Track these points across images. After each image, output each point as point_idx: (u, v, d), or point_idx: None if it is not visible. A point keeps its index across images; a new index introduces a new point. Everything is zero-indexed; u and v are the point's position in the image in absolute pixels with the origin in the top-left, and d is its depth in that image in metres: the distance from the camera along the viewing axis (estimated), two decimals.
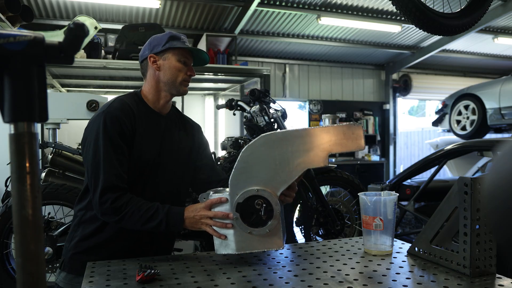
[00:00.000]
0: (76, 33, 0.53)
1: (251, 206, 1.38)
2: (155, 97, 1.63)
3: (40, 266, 0.50)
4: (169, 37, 1.66)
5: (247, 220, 1.38)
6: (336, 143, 1.42)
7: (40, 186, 0.51)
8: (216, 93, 6.88)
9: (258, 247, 1.39)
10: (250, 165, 1.38)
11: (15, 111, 0.50)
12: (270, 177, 1.38)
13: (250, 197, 1.37)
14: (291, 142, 1.39)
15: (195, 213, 1.43)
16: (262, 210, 1.38)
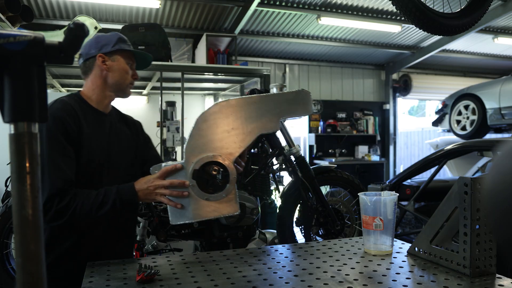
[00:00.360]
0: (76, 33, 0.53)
1: (207, 173, 1.39)
2: (100, 97, 1.60)
3: (40, 266, 0.50)
4: (118, 39, 1.64)
5: (204, 187, 1.38)
6: (286, 109, 1.46)
7: (40, 186, 0.51)
8: (216, 93, 6.88)
9: (215, 213, 1.41)
10: (205, 132, 1.41)
11: (15, 111, 0.50)
12: (225, 144, 1.41)
13: (206, 164, 1.39)
14: (244, 109, 1.43)
15: (148, 184, 1.40)
16: (218, 176, 1.39)
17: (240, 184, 2.28)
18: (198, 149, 1.40)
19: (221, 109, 1.44)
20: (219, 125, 1.43)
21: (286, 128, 2.50)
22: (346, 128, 8.09)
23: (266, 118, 1.46)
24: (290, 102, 1.48)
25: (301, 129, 8.75)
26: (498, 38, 6.98)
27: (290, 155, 2.43)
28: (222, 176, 1.40)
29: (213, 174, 1.40)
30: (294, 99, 1.49)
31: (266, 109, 1.46)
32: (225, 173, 1.40)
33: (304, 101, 1.50)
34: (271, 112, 1.46)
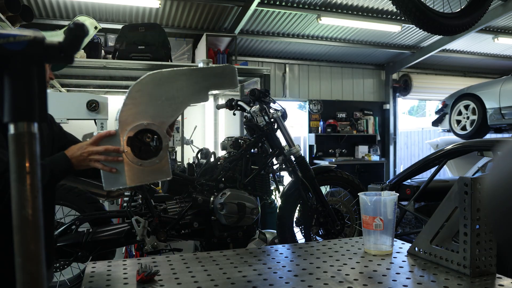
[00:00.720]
0: (76, 33, 0.53)
1: (141, 140, 1.45)
2: None
3: (40, 266, 0.50)
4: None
5: (138, 153, 1.44)
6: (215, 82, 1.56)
7: (40, 186, 0.51)
8: (216, 93, 6.88)
9: (149, 178, 1.48)
10: (138, 101, 1.46)
11: (15, 111, 0.50)
12: (158, 112, 1.48)
13: (139, 131, 1.45)
14: (176, 80, 1.51)
15: (82, 151, 1.42)
16: (151, 143, 1.46)
17: (240, 184, 2.28)
18: (131, 117, 1.45)
19: (154, 80, 1.50)
20: (152, 94, 1.48)
21: (286, 128, 2.50)
22: (346, 128, 8.09)
23: (196, 89, 1.54)
24: (218, 75, 1.58)
25: (301, 129, 8.76)
26: (498, 38, 6.98)
27: (290, 155, 2.43)
28: (156, 144, 1.47)
29: (147, 141, 1.46)
30: (221, 73, 1.58)
31: (195, 81, 1.54)
32: (158, 140, 1.47)
33: (230, 75, 1.59)
34: (201, 84, 1.54)
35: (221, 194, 2.21)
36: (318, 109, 8.11)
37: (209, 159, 2.43)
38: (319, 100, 8.15)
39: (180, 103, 1.52)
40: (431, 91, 8.75)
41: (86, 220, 2.26)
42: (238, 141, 2.41)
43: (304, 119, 8.23)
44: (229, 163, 2.31)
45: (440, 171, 3.47)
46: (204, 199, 2.24)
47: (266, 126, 2.41)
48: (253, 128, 2.43)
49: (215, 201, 2.22)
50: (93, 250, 2.16)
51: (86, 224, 2.29)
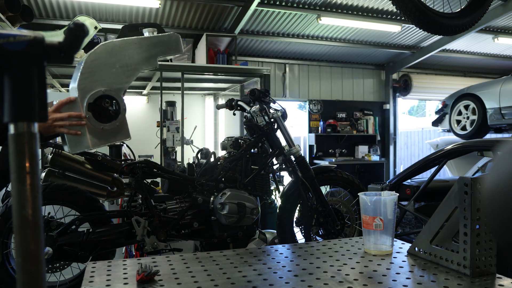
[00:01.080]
0: (76, 33, 0.53)
1: (100, 105, 1.60)
2: None
3: (40, 266, 0.50)
4: None
5: (99, 117, 1.59)
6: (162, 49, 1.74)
7: (40, 186, 0.51)
8: (216, 93, 6.89)
9: (110, 139, 1.64)
10: (94, 70, 1.59)
11: (15, 111, 0.50)
12: (114, 79, 1.63)
13: (98, 97, 1.59)
14: (127, 48, 1.69)
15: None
16: (110, 108, 1.61)
17: (240, 184, 2.28)
18: (90, 85, 1.58)
19: (107, 49, 1.64)
20: (107, 63, 1.62)
21: (286, 128, 2.50)
22: (346, 128, 8.09)
23: (146, 57, 1.71)
24: (165, 43, 1.76)
25: (301, 129, 8.76)
26: (498, 38, 6.98)
27: (290, 155, 2.43)
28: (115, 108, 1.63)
29: (106, 106, 1.60)
30: (167, 41, 1.77)
31: (145, 49, 1.72)
32: (117, 105, 1.63)
33: (175, 42, 1.78)
34: (150, 51, 1.72)
35: (221, 194, 2.21)
36: (318, 109, 8.11)
37: (209, 159, 2.43)
38: (319, 100, 8.15)
39: (133, 70, 1.68)
40: (431, 91, 8.75)
41: (86, 220, 2.26)
42: (238, 141, 2.41)
43: (304, 119, 8.23)
44: (229, 163, 2.31)
45: (440, 171, 3.47)
46: (204, 199, 2.24)
47: (266, 126, 2.41)
48: (253, 128, 2.43)
49: (215, 201, 2.21)
50: (93, 250, 2.16)
51: (86, 224, 2.29)
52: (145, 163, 2.26)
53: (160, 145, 4.91)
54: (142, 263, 1.19)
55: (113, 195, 2.50)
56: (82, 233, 2.20)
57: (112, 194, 2.50)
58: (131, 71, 1.67)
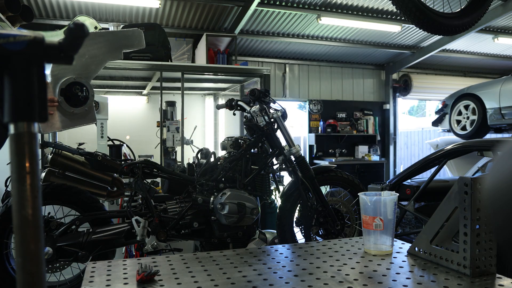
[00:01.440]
0: (76, 33, 0.53)
1: (71, 91, 1.79)
2: None
3: (40, 266, 0.50)
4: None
5: (69, 102, 1.78)
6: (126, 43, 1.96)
7: (40, 186, 0.51)
8: (216, 93, 6.89)
9: (78, 122, 1.84)
10: None
11: (15, 111, 0.50)
12: (84, 68, 1.83)
13: (70, 84, 1.79)
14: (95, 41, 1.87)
15: None
16: (80, 93, 1.81)
17: (240, 184, 2.28)
18: (62, 72, 1.78)
19: None
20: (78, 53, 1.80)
21: (286, 128, 2.49)
22: (346, 128, 8.09)
23: (112, 49, 1.90)
24: (129, 38, 1.97)
25: (301, 129, 8.76)
26: (498, 38, 6.98)
27: (290, 155, 2.43)
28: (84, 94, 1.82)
29: (76, 92, 1.81)
30: (131, 36, 1.97)
31: (111, 42, 1.90)
32: (86, 91, 1.84)
33: (138, 37, 1.99)
34: (115, 44, 1.91)
35: (221, 194, 2.21)
36: (318, 109, 8.11)
37: (209, 159, 2.43)
38: (319, 100, 8.15)
39: (101, 60, 1.89)
40: (431, 91, 8.75)
41: (86, 220, 2.26)
42: (238, 141, 2.40)
43: (304, 119, 8.23)
44: (229, 163, 2.31)
45: (440, 171, 3.47)
46: (204, 199, 2.24)
47: (266, 126, 2.41)
48: (253, 128, 2.43)
49: (215, 201, 2.21)
50: (93, 250, 2.16)
51: (86, 224, 2.29)
52: (145, 163, 2.26)
53: (160, 145, 4.91)
54: (142, 263, 1.19)
55: (113, 195, 2.50)
56: (82, 233, 2.20)
57: (112, 194, 2.50)
58: (99, 61, 1.87)
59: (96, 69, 1.89)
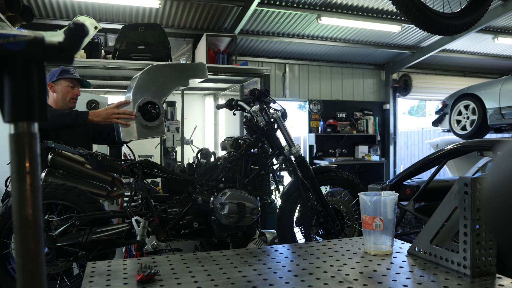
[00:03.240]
0: (76, 33, 0.53)
1: (146, 108, 2.25)
2: (57, 107, 2.69)
3: (40, 266, 0.50)
4: (61, 71, 2.71)
5: (144, 117, 2.24)
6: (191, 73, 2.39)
7: (40, 186, 0.51)
8: (216, 93, 6.88)
9: (152, 134, 2.29)
10: (144, 84, 2.26)
11: (15, 111, 0.50)
12: (157, 90, 2.28)
13: (146, 103, 2.25)
14: (167, 70, 2.31)
15: (107, 111, 2.25)
16: (153, 111, 2.26)
17: (240, 184, 2.28)
18: (140, 94, 2.25)
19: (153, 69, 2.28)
20: (153, 79, 2.27)
21: (286, 128, 2.49)
22: (346, 128, 8.09)
23: (180, 77, 2.34)
24: (194, 69, 2.40)
25: (301, 129, 8.76)
26: (498, 38, 6.98)
27: (290, 155, 2.43)
28: (156, 111, 2.26)
29: (150, 109, 2.25)
30: (196, 67, 2.41)
31: (180, 72, 2.34)
32: (158, 109, 2.27)
33: (202, 69, 2.41)
34: (183, 74, 2.35)
35: (221, 194, 2.21)
36: (318, 109, 8.11)
37: (209, 159, 2.43)
38: (319, 100, 8.15)
39: (171, 85, 2.32)
40: (431, 91, 8.75)
41: (86, 220, 2.26)
42: (238, 141, 2.40)
43: (304, 119, 8.23)
44: (229, 163, 2.31)
45: (440, 171, 3.47)
46: (204, 199, 2.24)
47: (266, 126, 2.41)
48: (253, 128, 2.43)
49: (215, 201, 2.21)
50: (93, 250, 2.16)
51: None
52: (145, 163, 2.26)
53: (160, 145, 4.91)
54: (142, 263, 1.19)
55: (113, 195, 2.50)
56: (82, 233, 2.20)
57: (112, 194, 2.50)
58: (169, 87, 2.31)
59: (167, 93, 2.32)
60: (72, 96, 2.73)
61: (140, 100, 2.22)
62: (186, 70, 2.36)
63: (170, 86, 2.30)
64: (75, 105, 2.77)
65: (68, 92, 2.71)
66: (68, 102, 2.73)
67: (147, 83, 2.24)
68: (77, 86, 2.76)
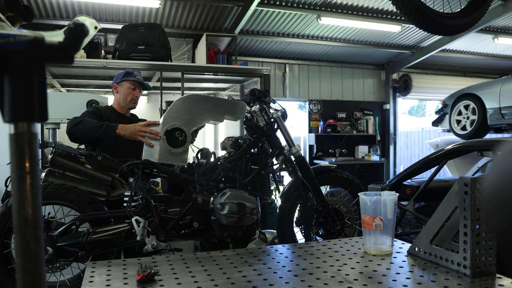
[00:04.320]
0: (76, 33, 0.53)
1: (173, 134, 2.21)
2: (119, 107, 2.87)
3: (40, 266, 0.50)
4: (125, 73, 2.83)
5: (169, 142, 2.20)
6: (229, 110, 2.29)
7: (40, 186, 0.51)
8: (216, 93, 6.88)
9: (173, 160, 2.22)
10: (178, 110, 2.22)
11: (15, 111, 0.50)
12: (188, 120, 2.22)
13: (174, 128, 2.20)
14: (204, 101, 2.25)
15: (135, 127, 2.27)
16: (180, 138, 2.21)
17: (240, 184, 2.28)
18: (171, 119, 2.22)
19: (191, 98, 2.25)
20: (187, 107, 2.22)
21: (286, 128, 2.49)
22: (346, 128, 8.09)
23: (216, 112, 2.26)
24: (233, 106, 2.29)
25: (301, 129, 8.76)
26: (498, 38, 6.98)
27: (290, 155, 2.43)
28: (182, 138, 2.21)
29: (177, 135, 2.21)
30: (236, 105, 2.30)
31: (218, 106, 2.26)
32: (184, 137, 2.22)
33: (242, 108, 2.31)
34: (221, 108, 2.26)
35: (221, 194, 2.21)
36: (318, 109, 8.11)
37: (209, 159, 2.43)
38: (319, 100, 8.15)
39: (204, 118, 2.26)
40: (431, 91, 8.75)
41: (86, 220, 2.26)
42: (238, 141, 2.40)
43: (304, 119, 8.23)
44: (229, 163, 2.31)
45: (440, 171, 3.47)
46: (204, 199, 2.24)
47: (266, 126, 2.41)
48: (253, 128, 2.43)
49: (215, 201, 2.21)
50: (93, 250, 2.16)
51: (86, 224, 2.29)
52: (145, 163, 2.26)
53: None
54: (142, 263, 1.19)
55: (113, 195, 2.50)
56: (82, 233, 2.20)
57: (112, 194, 2.50)
58: (202, 119, 2.25)
59: (198, 124, 2.25)
60: (132, 97, 2.82)
61: (169, 125, 2.19)
62: (224, 106, 2.27)
63: (203, 117, 2.23)
64: (135, 106, 2.87)
65: (129, 93, 2.81)
66: (128, 102, 2.83)
67: (181, 109, 2.20)
68: (138, 88, 2.85)
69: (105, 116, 2.69)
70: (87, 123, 2.37)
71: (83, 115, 2.55)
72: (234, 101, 2.32)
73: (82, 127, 2.34)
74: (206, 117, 2.24)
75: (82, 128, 2.34)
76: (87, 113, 2.59)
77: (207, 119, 2.25)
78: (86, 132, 2.34)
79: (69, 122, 2.42)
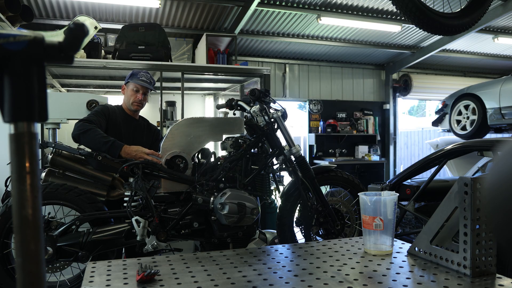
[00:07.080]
0: (76, 33, 0.53)
1: (174, 161, 2.26)
2: (126, 108, 2.85)
3: (40, 266, 0.50)
4: (131, 74, 2.81)
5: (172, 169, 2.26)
6: (227, 128, 2.34)
7: (40, 186, 0.51)
8: (216, 93, 6.88)
9: (178, 188, 2.26)
10: (175, 136, 2.25)
11: (15, 111, 0.50)
12: (187, 145, 2.27)
13: (174, 156, 2.26)
14: (201, 124, 2.28)
15: (137, 153, 2.32)
16: (180, 165, 2.27)
17: (240, 184, 2.28)
18: (170, 146, 2.26)
19: (187, 122, 2.28)
20: (185, 132, 2.25)
21: (286, 128, 2.49)
22: (346, 128, 8.09)
23: (215, 131, 2.30)
24: (230, 124, 2.34)
25: (301, 129, 8.75)
26: (498, 38, 6.97)
27: (290, 155, 2.43)
28: (183, 165, 2.27)
29: (178, 163, 2.27)
30: (233, 122, 2.34)
31: (215, 126, 2.31)
32: (186, 164, 2.27)
33: (239, 124, 2.34)
34: (218, 128, 2.32)
35: (221, 194, 2.21)
36: (318, 109, 8.11)
37: (209, 159, 2.43)
38: (319, 100, 8.15)
39: (203, 140, 2.30)
40: (431, 91, 8.75)
41: (86, 220, 2.26)
42: (238, 141, 2.40)
43: (304, 119, 8.23)
44: (229, 163, 2.31)
45: (440, 171, 3.46)
46: (204, 199, 2.24)
47: (266, 126, 2.41)
48: (253, 128, 2.43)
49: (215, 201, 2.21)
50: (93, 250, 2.16)
51: (86, 224, 2.29)
52: (145, 163, 2.26)
53: None
54: (142, 263, 1.19)
55: (113, 195, 2.50)
56: (82, 233, 2.20)
57: (112, 194, 2.50)
58: (201, 141, 2.28)
59: (198, 147, 2.29)
60: (134, 99, 2.77)
61: (168, 153, 2.23)
62: (222, 125, 2.30)
63: (201, 140, 2.27)
64: (139, 108, 2.82)
65: (132, 95, 2.77)
66: (131, 105, 2.79)
67: (179, 135, 2.23)
68: (141, 90, 2.77)
69: (113, 117, 2.68)
70: (95, 134, 2.34)
71: (91, 115, 2.55)
72: (230, 118, 2.37)
73: (89, 138, 2.33)
74: (204, 139, 2.28)
75: (88, 139, 2.33)
76: (95, 113, 2.57)
77: (205, 141, 2.29)
78: (91, 144, 2.34)
79: (77, 126, 2.38)
